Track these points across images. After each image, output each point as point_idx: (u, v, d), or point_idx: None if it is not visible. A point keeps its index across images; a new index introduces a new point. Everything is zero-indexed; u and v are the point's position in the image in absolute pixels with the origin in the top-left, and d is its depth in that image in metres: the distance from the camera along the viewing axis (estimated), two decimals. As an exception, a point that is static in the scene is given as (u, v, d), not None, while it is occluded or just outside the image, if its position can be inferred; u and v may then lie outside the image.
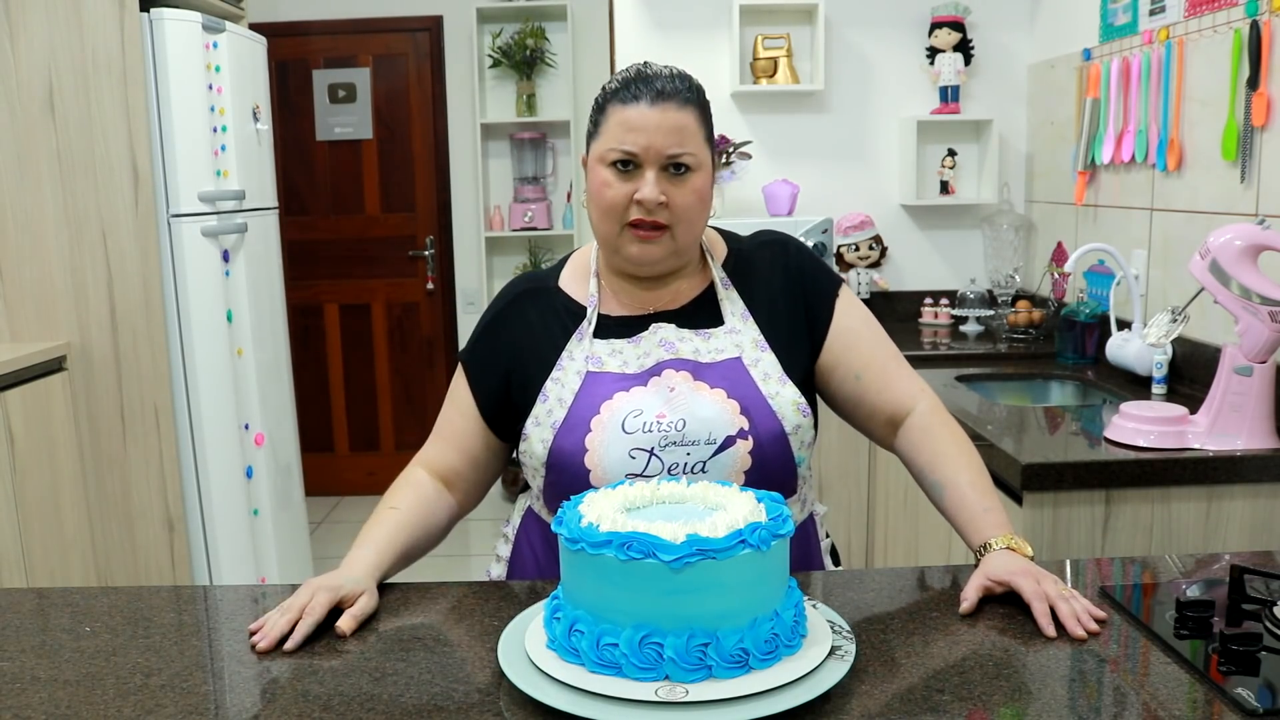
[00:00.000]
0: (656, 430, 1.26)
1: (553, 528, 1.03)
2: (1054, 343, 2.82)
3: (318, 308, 4.85)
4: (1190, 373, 2.32)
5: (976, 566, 1.21)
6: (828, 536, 1.49)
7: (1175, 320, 2.10)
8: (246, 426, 3.19)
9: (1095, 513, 1.82)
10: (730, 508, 1.01)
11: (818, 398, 1.43)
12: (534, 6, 4.51)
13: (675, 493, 1.09)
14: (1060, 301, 3.01)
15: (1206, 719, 0.93)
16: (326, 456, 4.89)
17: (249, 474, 3.18)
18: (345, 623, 1.13)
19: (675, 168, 1.27)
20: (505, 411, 1.37)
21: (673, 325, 1.34)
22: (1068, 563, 1.35)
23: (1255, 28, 2.10)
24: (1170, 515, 1.82)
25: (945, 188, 3.41)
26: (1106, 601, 1.18)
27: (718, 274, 1.38)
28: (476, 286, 4.79)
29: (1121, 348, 2.44)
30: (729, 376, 1.30)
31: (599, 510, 1.01)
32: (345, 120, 4.73)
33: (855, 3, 3.36)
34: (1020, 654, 1.05)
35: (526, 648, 1.01)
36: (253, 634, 1.12)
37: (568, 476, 1.28)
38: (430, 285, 4.83)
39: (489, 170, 4.74)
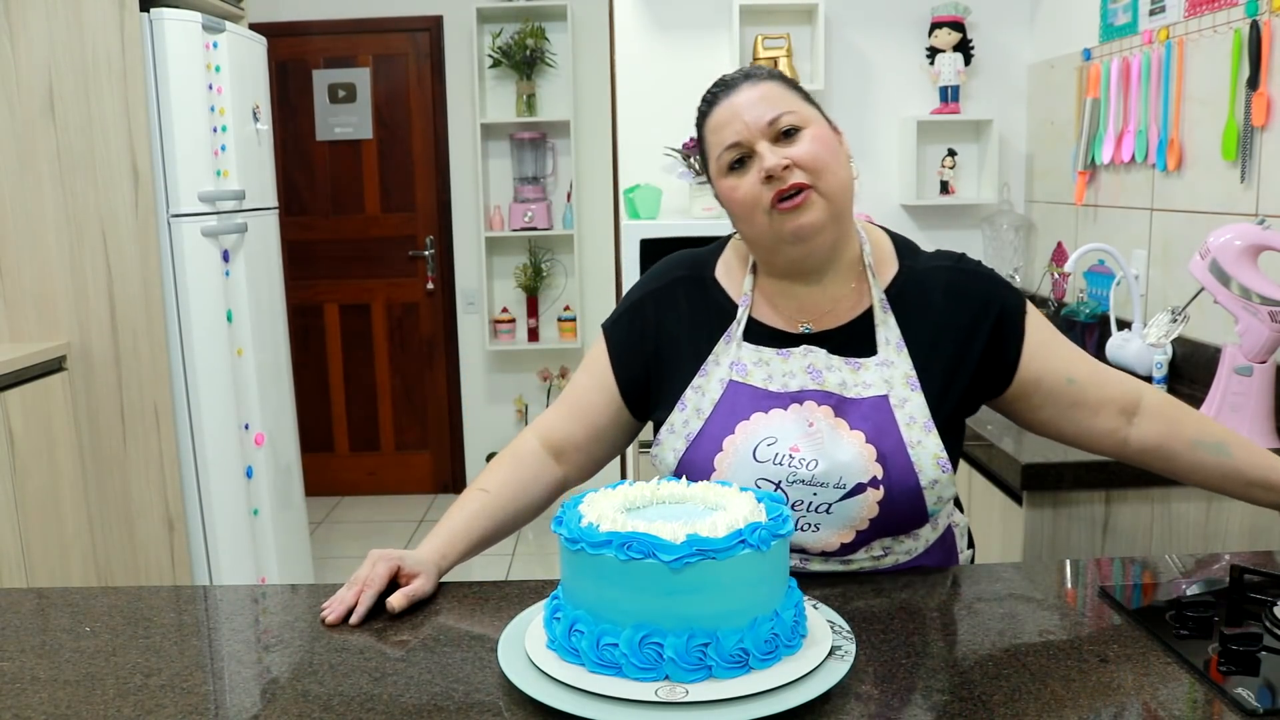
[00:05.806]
0: (787, 465, 1.22)
1: (552, 528, 1.03)
2: (1054, 343, 2.81)
3: (318, 308, 4.85)
4: (1190, 373, 2.32)
5: None
6: (970, 547, 1.48)
7: (1175, 320, 2.10)
8: (246, 426, 3.19)
9: (1095, 513, 1.82)
10: (730, 507, 1.01)
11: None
12: (534, 6, 4.51)
13: (675, 493, 1.09)
14: (1060, 301, 3.01)
15: (1206, 719, 0.93)
16: (326, 456, 4.89)
17: (249, 474, 3.18)
18: (396, 599, 1.15)
19: (783, 133, 1.23)
20: (644, 396, 1.35)
21: (823, 350, 1.28)
22: (1067, 563, 1.35)
23: (1255, 28, 2.10)
24: (1170, 515, 1.82)
25: (945, 188, 3.41)
26: (1106, 601, 1.18)
27: (877, 295, 1.29)
28: (476, 286, 4.79)
29: (1121, 348, 2.44)
30: (871, 418, 1.24)
31: (599, 510, 1.01)
32: (345, 120, 4.73)
33: (855, 3, 3.36)
34: (1020, 654, 1.05)
35: (526, 648, 1.01)
36: (324, 609, 1.15)
37: None
38: (430, 285, 4.83)
39: (489, 170, 4.74)
